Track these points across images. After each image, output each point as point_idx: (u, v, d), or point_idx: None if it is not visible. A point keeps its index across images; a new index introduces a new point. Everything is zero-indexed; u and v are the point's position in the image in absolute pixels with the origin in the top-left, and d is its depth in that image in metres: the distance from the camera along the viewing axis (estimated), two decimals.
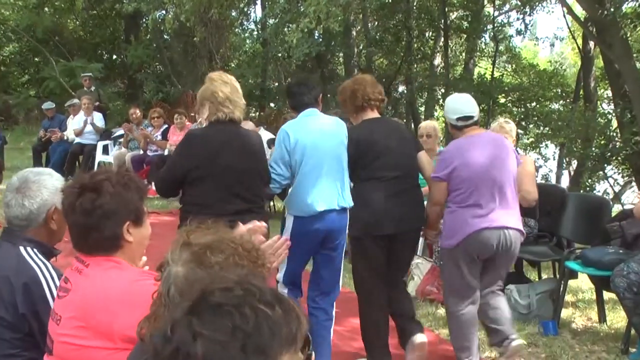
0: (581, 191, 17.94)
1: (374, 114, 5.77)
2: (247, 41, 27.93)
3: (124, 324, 2.61)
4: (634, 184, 18.18)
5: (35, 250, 3.39)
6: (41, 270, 3.28)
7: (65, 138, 14.85)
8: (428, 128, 8.47)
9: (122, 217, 2.92)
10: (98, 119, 14.69)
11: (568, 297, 7.14)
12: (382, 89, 5.89)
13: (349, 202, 5.51)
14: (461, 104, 5.73)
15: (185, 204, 5.08)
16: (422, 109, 23.27)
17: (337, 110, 7.33)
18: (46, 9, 26.36)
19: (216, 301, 1.52)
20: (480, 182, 5.30)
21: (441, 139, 8.56)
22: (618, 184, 19.93)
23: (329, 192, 5.42)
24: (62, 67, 22.73)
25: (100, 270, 2.85)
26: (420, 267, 7.39)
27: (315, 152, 5.40)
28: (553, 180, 21.59)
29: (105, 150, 13.99)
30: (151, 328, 2.16)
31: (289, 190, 5.64)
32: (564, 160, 21.46)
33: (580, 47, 20.71)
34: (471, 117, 5.55)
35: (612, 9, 13.68)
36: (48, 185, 3.47)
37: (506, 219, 5.34)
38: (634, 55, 15.22)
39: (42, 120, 17.43)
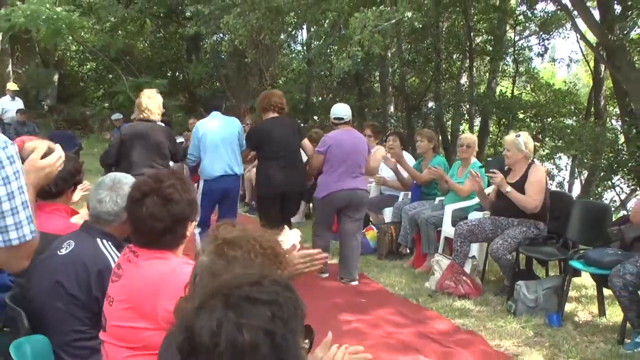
0: (591, 199, 17.85)
1: (274, 114, 7.80)
2: (294, 61, 28.00)
3: (166, 307, 2.66)
4: (638, 192, 18.05)
5: (109, 243, 3.49)
6: (113, 260, 3.34)
7: None
8: (468, 139, 8.53)
9: (189, 221, 3.02)
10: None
11: (572, 293, 7.12)
12: (284, 100, 8.00)
13: (240, 171, 7.97)
14: (336, 109, 8.03)
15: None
16: (449, 123, 23.14)
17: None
18: (119, 31, 26.61)
19: (251, 295, 1.59)
20: (342, 160, 7.52)
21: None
22: (624, 192, 19.73)
23: (223, 164, 7.74)
24: (131, 83, 22.95)
25: (149, 260, 2.93)
26: (440, 263, 7.39)
27: (213, 137, 7.74)
28: (566, 188, 21.46)
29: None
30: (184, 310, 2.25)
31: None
32: (576, 171, 21.29)
33: (592, 69, 20.62)
34: (342, 119, 7.87)
35: (620, 35, 13.65)
36: None
37: (356, 184, 7.59)
38: None
39: (112, 130, 17.70)
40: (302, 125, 18.45)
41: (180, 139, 14.32)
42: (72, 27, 21.30)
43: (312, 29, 23.76)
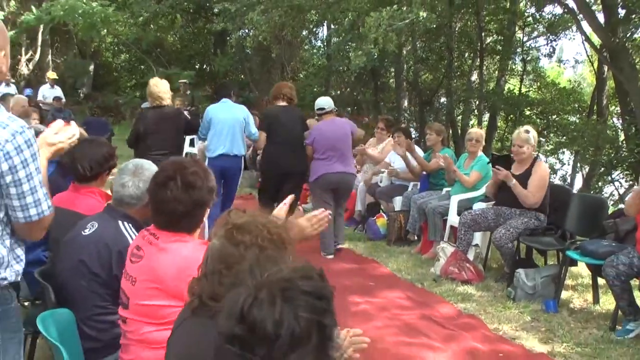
0: (591, 192, 17.79)
1: (283, 103, 8.28)
2: (315, 56, 27.97)
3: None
4: (636, 187, 17.94)
5: (130, 225, 3.50)
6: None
7: None
8: (477, 134, 8.51)
9: (207, 207, 3.03)
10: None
11: (569, 281, 7.09)
12: (294, 92, 8.50)
13: (240, 152, 8.30)
14: (319, 101, 8.39)
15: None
16: (460, 117, 23.07)
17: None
18: (151, 25, 26.66)
19: (305, 289, 1.62)
20: (329, 147, 7.93)
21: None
22: (623, 187, 19.65)
23: (224, 144, 8.11)
24: (161, 74, 22.79)
25: (170, 243, 2.94)
26: (445, 250, 7.39)
27: (218, 121, 8.15)
28: (568, 182, 21.36)
29: (192, 143, 14.13)
30: (198, 289, 2.27)
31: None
32: (578, 165, 21.21)
33: (596, 69, 20.49)
34: (323, 109, 8.22)
35: (623, 38, 13.59)
36: None
37: (343, 167, 7.97)
38: None
39: None
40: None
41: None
42: (107, 20, 21.45)
43: (332, 27, 23.75)
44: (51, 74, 18.94)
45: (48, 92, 17.23)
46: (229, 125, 8.17)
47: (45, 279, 3.53)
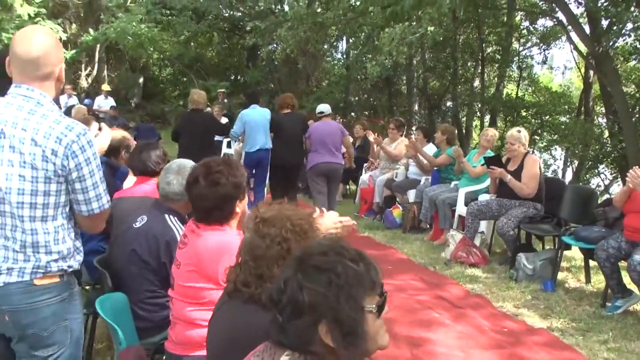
0: (580, 184, 17.68)
1: (287, 110, 9.05)
2: (335, 67, 27.88)
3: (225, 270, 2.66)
4: (619, 179, 17.92)
5: (175, 218, 3.51)
6: (178, 234, 3.36)
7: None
8: (493, 134, 8.53)
9: (236, 200, 2.98)
10: (224, 122, 14.83)
11: (564, 264, 6.99)
12: (295, 101, 9.32)
13: (269, 146, 9.05)
14: (320, 107, 9.14)
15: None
16: (464, 119, 22.95)
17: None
18: (192, 43, 26.80)
19: (316, 263, 1.61)
20: (321, 142, 8.55)
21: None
22: (608, 179, 19.51)
23: (259, 139, 8.98)
24: (200, 85, 23.10)
25: (209, 231, 2.92)
26: (454, 237, 7.32)
27: (252, 122, 8.97)
28: (560, 175, 21.24)
29: (229, 145, 14.12)
30: (233, 276, 2.26)
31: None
32: (568, 160, 21.04)
33: (583, 74, 20.39)
34: (323, 112, 8.96)
35: (606, 47, 13.51)
36: None
37: (331, 158, 8.55)
38: (622, 82, 15.00)
39: None
40: (341, 120, 18.62)
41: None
42: (154, 40, 21.60)
43: (350, 40, 23.68)
44: (105, 87, 19.17)
45: (103, 102, 17.42)
46: (262, 125, 9.00)
47: (102, 267, 3.57)
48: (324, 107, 9.16)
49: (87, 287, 4.45)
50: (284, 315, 1.60)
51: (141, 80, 27.42)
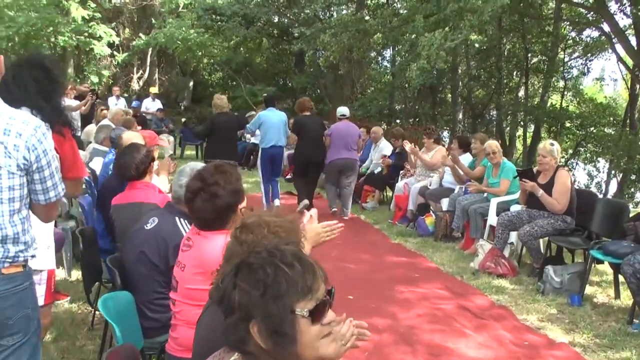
0: (626, 197, 17.34)
1: (307, 113, 10.20)
2: (382, 75, 27.76)
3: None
4: None
5: (185, 221, 3.51)
6: None
7: (245, 139, 15.25)
8: (492, 146, 8.19)
9: (236, 205, 2.96)
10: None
11: (595, 278, 6.81)
12: (312, 104, 10.59)
13: (283, 143, 10.32)
14: (341, 110, 10.47)
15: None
16: (507, 128, 22.64)
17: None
18: (241, 48, 26.99)
19: (250, 261, 1.60)
20: (339, 140, 9.84)
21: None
22: None
23: (274, 138, 10.07)
24: (248, 90, 23.35)
25: (214, 234, 2.93)
26: (484, 247, 7.20)
27: (268, 122, 10.07)
28: (603, 187, 20.86)
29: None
30: (215, 280, 2.23)
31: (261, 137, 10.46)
32: (612, 173, 20.57)
33: (629, 86, 19.95)
34: (344, 115, 10.28)
35: None
36: None
37: (347, 155, 9.89)
38: None
39: None
40: (385, 127, 18.56)
41: None
42: (203, 45, 21.87)
43: (396, 48, 23.59)
44: (153, 89, 19.58)
45: (150, 104, 17.70)
46: (276, 125, 10.13)
47: (114, 265, 3.62)
48: (344, 110, 10.47)
49: (109, 285, 4.49)
50: (224, 313, 1.60)
51: (191, 84, 27.75)
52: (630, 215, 6.51)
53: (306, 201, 9.83)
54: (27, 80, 3.14)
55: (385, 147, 11.78)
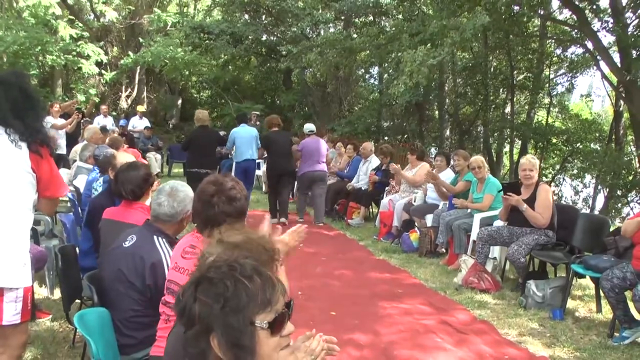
0: (613, 212, 17.42)
1: (276, 128, 10.99)
2: (369, 92, 27.89)
3: None
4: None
5: (164, 240, 3.49)
6: (165, 257, 3.38)
7: (230, 156, 15.22)
8: (477, 161, 8.24)
9: (246, 212, 3.06)
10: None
11: (577, 292, 6.86)
12: (280, 121, 11.22)
13: (255, 157, 11.39)
14: (307, 126, 11.55)
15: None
16: (494, 145, 22.76)
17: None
18: (229, 66, 27.08)
19: (210, 275, 1.61)
20: (309, 155, 10.98)
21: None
22: (638, 207, 19.07)
23: (246, 152, 11.17)
24: (236, 108, 23.35)
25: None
26: (466, 262, 7.23)
27: (240, 137, 11.18)
28: (590, 203, 20.98)
29: (258, 166, 14.23)
30: None
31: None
32: (599, 188, 20.68)
33: (614, 103, 20.12)
34: (312, 131, 11.30)
35: (636, 75, 13.31)
36: (189, 195, 3.57)
37: (318, 167, 11.04)
38: None
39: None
40: (374, 144, 18.59)
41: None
42: (191, 63, 21.92)
43: (384, 66, 23.72)
44: (140, 107, 19.56)
45: (137, 122, 17.69)
46: (248, 140, 11.23)
47: (93, 282, 3.62)
48: (311, 126, 11.60)
49: (89, 302, 4.47)
50: (184, 326, 1.62)
51: (179, 102, 27.80)
52: (611, 229, 6.57)
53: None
54: (1, 99, 3.13)
55: (376, 163, 11.84)
